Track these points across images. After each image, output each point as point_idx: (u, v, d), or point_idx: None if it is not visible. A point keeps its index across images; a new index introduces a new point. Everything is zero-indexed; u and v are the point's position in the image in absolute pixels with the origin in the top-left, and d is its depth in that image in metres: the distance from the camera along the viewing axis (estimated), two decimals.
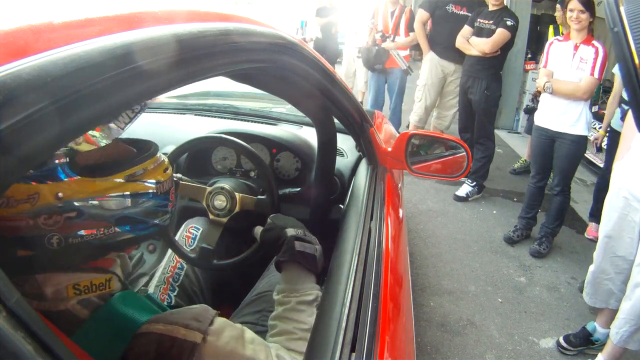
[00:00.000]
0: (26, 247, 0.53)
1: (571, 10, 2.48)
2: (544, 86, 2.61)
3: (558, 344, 2.13)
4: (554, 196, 2.78)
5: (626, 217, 1.78)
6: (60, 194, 0.53)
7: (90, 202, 0.56)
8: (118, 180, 0.58)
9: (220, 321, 0.64)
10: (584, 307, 2.38)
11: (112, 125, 0.60)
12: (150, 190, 0.62)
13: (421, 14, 3.81)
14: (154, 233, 0.63)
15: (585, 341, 2.09)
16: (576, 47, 2.53)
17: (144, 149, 0.65)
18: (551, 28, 3.80)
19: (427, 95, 3.92)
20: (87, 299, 0.57)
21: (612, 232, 1.84)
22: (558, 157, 2.68)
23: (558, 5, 3.51)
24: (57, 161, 0.54)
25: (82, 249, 0.56)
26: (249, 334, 0.67)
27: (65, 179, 0.54)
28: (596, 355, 1.96)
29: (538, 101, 3.04)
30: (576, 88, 2.51)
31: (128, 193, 0.59)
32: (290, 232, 0.91)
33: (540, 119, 2.74)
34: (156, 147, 0.66)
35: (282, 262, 0.88)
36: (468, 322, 2.23)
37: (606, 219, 1.88)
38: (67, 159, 0.55)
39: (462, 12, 3.58)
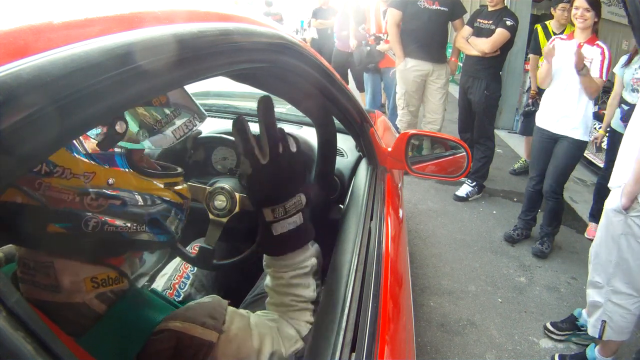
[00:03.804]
0: (61, 221, 0.52)
1: (576, 8, 2.45)
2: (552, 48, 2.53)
3: (545, 327, 2.16)
4: (546, 200, 2.76)
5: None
6: (111, 180, 0.56)
7: (136, 195, 0.58)
8: (159, 184, 0.62)
9: (230, 312, 0.65)
10: (583, 307, 2.38)
11: (167, 132, 0.63)
12: (179, 202, 0.65)
13: (393, 14, 3.49)
14: (166, 242, 0.64)
15: (572, 326, 2.12)
16: (580, 46, 2.48)
17: (169, 168, 0.69)
18: (539, 27, 3.55)
19: (409, 102, 3.69)
20: (105, 294, 0.57)
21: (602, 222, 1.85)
22: (554, 156, 2.65)
23: (564, 4, 3.36)
24: (117, 150, 0.56)
25: (109, 240, 0.56)
26: (254, 318, 0.68)
27: (121, 168, 0.57)
28: (585, 343, 2.01)
29: (538, 104, 3.01)
30: (591, 81, 2.42)
31: (167, 198, 0.63)
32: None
33: (542, 121, 2.72)
34: (182, 170, 0.70)
35: None
36: (468, 322, 2.23)
37: None
38: (124, 151, 0.58)
39: (434, 7, 3.37)
